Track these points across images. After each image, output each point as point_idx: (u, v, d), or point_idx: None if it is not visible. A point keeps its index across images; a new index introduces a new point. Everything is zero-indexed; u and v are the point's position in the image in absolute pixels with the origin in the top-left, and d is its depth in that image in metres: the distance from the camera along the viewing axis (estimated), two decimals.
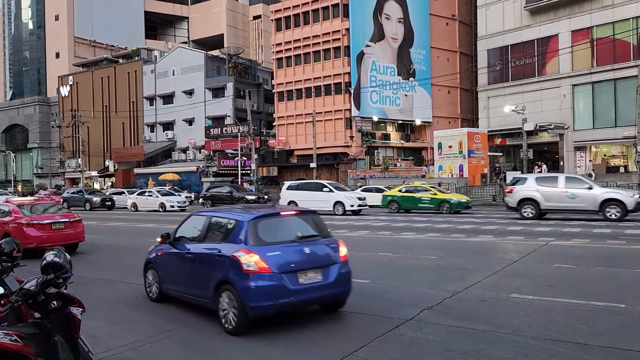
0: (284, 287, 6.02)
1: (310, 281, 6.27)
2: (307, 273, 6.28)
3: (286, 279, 6.06)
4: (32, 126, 71.03)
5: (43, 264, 3.89)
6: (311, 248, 6.49)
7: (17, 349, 3.44)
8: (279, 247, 6.31)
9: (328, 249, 6.68)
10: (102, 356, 5.21)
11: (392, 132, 48.78)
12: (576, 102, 38.29)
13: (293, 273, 6.15)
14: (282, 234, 6.65)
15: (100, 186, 60.98)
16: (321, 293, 6.39)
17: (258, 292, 5.94)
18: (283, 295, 6.02)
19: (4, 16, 78.75)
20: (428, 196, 24.78)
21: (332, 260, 6.57)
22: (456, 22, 50.79)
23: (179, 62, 57.28)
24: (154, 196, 33.52)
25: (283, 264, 6.13)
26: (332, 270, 6.47)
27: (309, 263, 6.34)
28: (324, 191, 25.48)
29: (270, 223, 6.72)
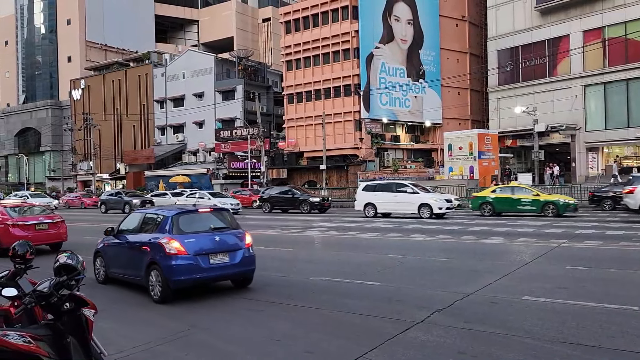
0: (198, 266, 7.89)
1: (220, 261, 8.14)
2: (217, 255, 8.14)
3: (200, 260, 7.93)
4: (44, 129, 71.73)
5: (56, 266, 3.92)
6: (221, 237, 8.37)
7: (31, 350, 3.48)
8: (195, 236, 8.17)
9: (235, 237, 8.55)
10: (114, 357, 5.25)
11: (401, 134, 48.65)
12: (588, 103, 37.95)
13: (205, 255, 8.01)
14: (198, 226, 8.51)
15: (112, 188, 61.43)
16: (228, 271, 8.32)
17: (177, 270, 7.76)
18: (197, 272, 7.90)
19: (17, 21, 79.67)
20: (529, 197, 22.43)
21: (238, 246, 8.44)
22: (466, 23, 50.58)
23: (189, 65, 57.60)
24: (206, 198, 31.64)
25: (197, 248, 7.98)
26: (237, 254, 8.35)
27: (219, 248, 8.19)
28: (407, 192, 23.26)
29: (189, 218, 8.60)
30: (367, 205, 24.09)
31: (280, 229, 19.64)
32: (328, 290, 8.51)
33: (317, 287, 8.81)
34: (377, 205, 23.62)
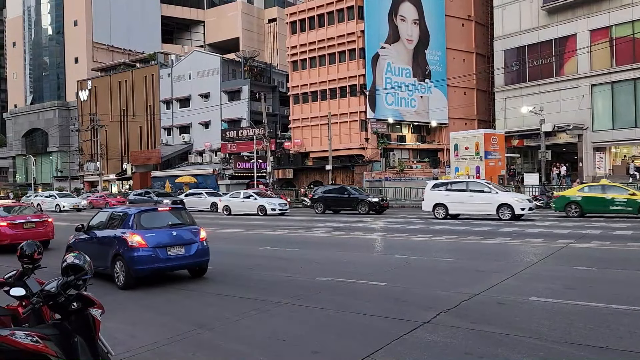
0: (157, 257, 9.10)
1: (176, 253, 9.36)
2: (174, 248, 9.35)
3: (158, 252, 9.13)
4: (51, 130, 72.14)
5: (63, 265, 3.95)
6: (177, 232, 9.60)
7: (39, 349, 3.49)
8: (154, 231, 9.36)
9: (190, 233, 9.72)
10: (121, 357, 5.27)
11: (407, 134, 48.56)
12: (595, 103, 37.74)
13: (164, 247, 9.23)
14: (158, 222, 9.71)
15: (118, 189, 61.68)
16: (184, 262, 9.55)
17: (139, 260, 8.94)
18: (156, 262, 9.11)
19: (25, 22, 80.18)
20: (624, 197, 20.42)
21: (193, 240, 9.61)
22: (472, 23, 50.42)
23: (195, 65, 57.75)
24: (252, 198, 29.75)
25: (156, 241, 9.17)
26: (192, 247, 9.54)
27: (175, 241, 9.39)
28: (484, 192, 21.38)
29: (149, 215, 9.81)
30: (437, 205, 22.34)
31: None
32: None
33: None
34: (449, 205, 21.90)
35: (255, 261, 12.00)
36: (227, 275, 10.33)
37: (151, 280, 9.58)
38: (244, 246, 15.27)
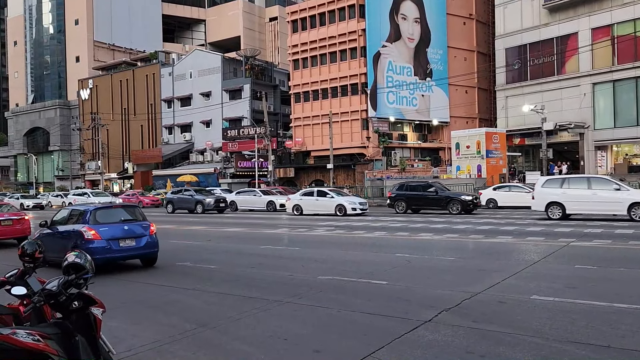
0: (110, 248, 10.42)
1: (127, 245, 10.71)
2: (126, 240, 10.69)
3: (111, 244, 10.48)
4: (53, 129, 72.24)
5: (64, 264, 3.94)
6: (129, 226, 10.93)
7: (40, 348, 3.49)
8: (108, 225, 10.70)
9: (141, 227, 11.06)
10: (122, 356, 5.27)
11: (409, 133, 48.55)
12: (597, 101, 37.70)
13: (116, 240, 10.57)
14: (112, 218, 11.06)
15: (120, 188, 61.74)
16: (135, 252, 10.94)
17: (94, 251, 9.79)
18: (109, 253, 10.43)
19: (26, 21, 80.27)
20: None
21: (143, 234, 10.95)
22: (473, 22, 50.38)
23: (196, 64, 57.77)
24: (329, 196, 26.82)
25: (109, 235, 10.51)
26: (142, 240, 10.90)
27: (127, 235, 10.74)
28: (610, 189, 18.73)
29: (104, 211, 11.26)
30: (551, 204, 19.93)
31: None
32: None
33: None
34: (566, 204, 19.51)
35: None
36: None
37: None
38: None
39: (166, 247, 15.48)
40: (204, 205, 30.45)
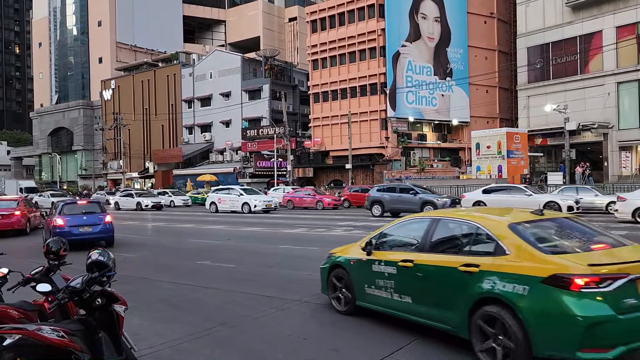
0: (72, 232, 13.78)
1: (85, 231, 14.35)
2: (84, 227, 14.37)
3: (72, 230, 14.03)
4: (76, 129, 73.48)
5: (88, 262, 4.02)
6: (88, 217, 14.73)
7: (64, 344, 3.56)
8: (71, 216, 14.54)
9: (97, 218, 14.76)
10: (144, 353, 5.34)
11: (428, 133, 48.22)
12: (621, 100, 36.97)
13: (76, 227, 14.22)
14: (75, 210, 14.99)
15: (141, 187, 62.54)
16: (92, 236, 14.40)
17: (60, 234, 12.29)
18: (70, 236, 13.01)
19: (50, 23, 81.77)
20: None
21: (99, 222, 14.62)
22: (494, 20, 49.81)
23: (216, 65, 58.22)
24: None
25: (72, 223, 14.22)
26: (98, 227, 14.55)
27: (85, 223, 14.49)
28: None
29: (71, 206, 15.47)
30: None
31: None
32: None
33: None
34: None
35: None
36: None
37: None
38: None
39: (188, 246, 15.61)
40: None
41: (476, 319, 4.90)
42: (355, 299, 6.61)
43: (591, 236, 5.27)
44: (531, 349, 4.46)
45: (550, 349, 4.39)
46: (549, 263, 4.52)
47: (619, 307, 4.28)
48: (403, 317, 5.92)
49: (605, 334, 4.25)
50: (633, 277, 4.37)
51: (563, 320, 4.31)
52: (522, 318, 4.51)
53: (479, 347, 4.91)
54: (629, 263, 4.52)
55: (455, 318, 5.16)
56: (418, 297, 5.65)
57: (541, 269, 4.52)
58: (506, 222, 5.17)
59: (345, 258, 6.84)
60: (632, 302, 4.34)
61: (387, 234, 6.51)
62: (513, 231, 4.97)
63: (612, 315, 4.24)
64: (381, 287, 6.12)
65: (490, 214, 5.85)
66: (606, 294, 4.28)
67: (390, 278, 5.96)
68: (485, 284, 4.85)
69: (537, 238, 4.95)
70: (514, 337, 4.53)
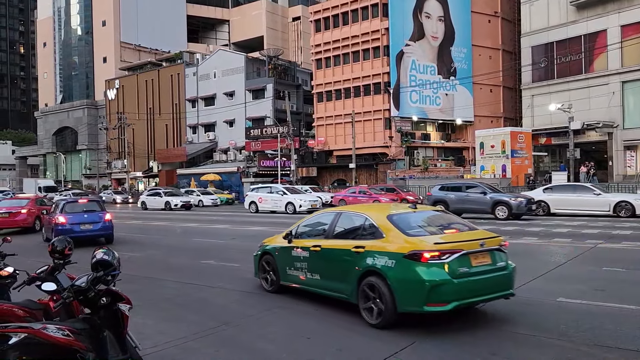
0: (72, 229, 14.51)
1: (86, 228, 15.13)
2: (85, 224, 15.16)
3: (74, 227, 14.79)
4: (81, 128, 73.67)
5: (93, 261, 4.03)
6: (88, 215, 15.48)
7: (69, 343, 3.58)
8: (73, 214, 15.29)
9: (97, 216, 15.52)
10: (148, 352, 5.35)
11: (432, 132, 48.14)
12: (626, 100, 36.82)
13: (78, 224, 15.01)
14: (76, 209, 15.65)
15: (145, 187, 62.66)
16: (92, 233, 15.20)
17: (62, 231, 13.81)
18: (72, 233, 13.93)
19: (55, 23, 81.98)
20: None
21: (99, 220, 15.38)
22: (499, 19, 49.68)
23: (220, 64, 58.26)
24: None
25: (73, 221, 15.01)
26: (98, 224, 15.32)
27: (86, 220, 15.28)
28: None
29: (72, 204, 16.00)
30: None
31: None
32: None
33: None
34: None
35: None
36: None
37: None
38: None
39: (192, 245, 15.64)
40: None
41: (362, 287, 6.36)
42: (279, 279, 8.03)
43: (449, 224, 6.85)
44: (396, 306, 5.96)
45: (407, 305, 5.93)
46: (409, 243, 6.02)
47: (455, 273, 5.80)
48: (313, 291, 7.36)
49: (444, 293, 5.76)
50: (466, 252, 5.92)
51: (416, 285, 5.81)
52: (390, 284, 5.99)
53: (362, 307, 6.38)
54: (465, 242, 6.12)
55: (349, 288, 6.59)
56: (324, 274, 7.10)
57: (404, 247, 6.00)
58: (385, 214, 6.70)
59: (272, 246, 8.27)
60: (464, 270, 5.87)
61: (304, 226, 7.95)
62: (389, 220, 6.48)
63: (449, 279, 5.76)
64: (298, 268, 7.57)
65: (375, 209, 7.59)
66: (445, 264, 5.79)
67: (305, 260, 7.43)
68: (368, 260, 6.30)
69: (406, 225, 6.42)
70: (385, 299, 6.02)
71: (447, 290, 5.77)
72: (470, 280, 5.90)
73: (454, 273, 5.79)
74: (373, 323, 6.19)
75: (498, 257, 6.28)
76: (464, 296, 5.88)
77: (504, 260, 6.33)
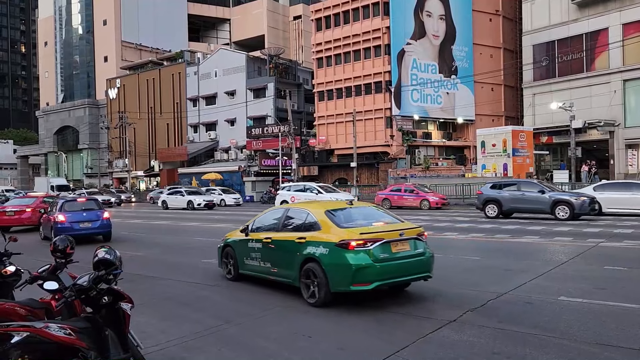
0: (72, 228, 14.95)
1: (85, 226, 15.60)
2: (84, 223, 15.60)
3: (74, 225, 15.20)
4: (82, 128, 73.70)
5: (95, 260, 4.04)
6: (87, 213, 15.88)
7: (71, 342, 3.58)
8: (72, 212, 15.66)
9: (96, 214, 15.97)
10: (150, 351, 5.35)
11: (433, 131, 48.12)
12: (628, 98, 36.76)
13: (77, 222, 15.42)
14: (76, 207, 15.97)
15: (146, 186, 62.68)
16: (90, 231, 15.68)
17: (61, 229, 14.40)
18: (71, 231, 14.26)
19: (56, 22, 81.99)
20: None
21: (97, 218, 15.86)
22: (500, 18, 49.63)
23: (221, 63, 58.25)
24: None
25: (73, 219, 15.41)
26: (96, 222, 15.80)
27: (84, 219, 15.68)
28: None
29: (71, 203, 16.28)
30: None
31: None
32: None
33: None
34: None
35: None
36: None
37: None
38: None
39: (197, 244, 15.66)
40: None
41: (303, 272, 7.37)
42: (238, 268, 9.08)
43: (379, 217, 7.87)
44: (329, 287, 7.00)
45: (338, 286, 6.97)
46: (340, 233, 7.07)
47: (376, 258, 6.86)
48: (265, 277, 8.46)
49: (367, 275, 6.80)
50: (386, 240, 7.02)
51: (344, 268, 6.85)
52: (324, 269, 7.02)
53: (303, 289, 7.41)
54: (386, 232, 7.19)
55: (293, 274, 7.60)
56: (274, 262, 8.11)
57: (336, 237, 7.04)
58: (323, 210, 7.74)
59: (232, 239, 9.30)
60: (385, 256, 6.95)
61: (258, 221, 8.97)
62: (326, 215, 7.53)
63: (371, 263, 6.81)
64: (253, 257, 8.62)
65: (315, 205, 8.35)
66: (368, 251, 6.85)
67: (258, 251, 8.48)
68: (308, 249, 7.31)
69: (340, 219, 7.48)
70: (321, 281, 7.07)
71: (370, 272, 6.79)
72: (391, 264, 6.97)
73: (376, 258, 6.84)
74: (312, 302, 7.23)
75: (416, 244, 7.35)
76: (385, 277, 6.93)
77: (422, 247, 7.40)
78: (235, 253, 9.11)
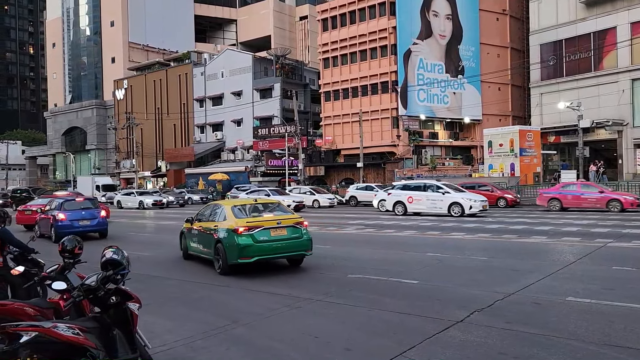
0: (72, 225, 16.06)
1: (84, 224, 16.63)
2: (83, 221, 16.64)
3: (74, 223, 16.28)
4: (90, 128, 74.10)
5: (102, 260, 4.06)
6: (86, 211, 16.93)
7: (79, 342, 3.61)
8: (71, 211, 16.65)
9: (94, 212, 17.03)
10: (157, 350, 5.38)
11: (440, 131, 47.99)
12: (636, 97, 36.51)
13: (77, 220, 16.47)
14: (75, 206, 16.98)
15: (153, 186, 62.90)
16: (90, 229, 16.75)
17: (62, 227, 15.91)
18: (72, 228, 15.61)
19: (64, 23, 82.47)
20: None
21: (95, 216, 16.91)
22: (507, 17, 49.42)
23: (227, 64, 58.38)
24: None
25: (72, 217, 16.45)
26: (95, 220, 16.85)
27: (83, 217, 16.72)
28: None
29: (70, 202, 17.28)
30: None
31: None
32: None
33: None
34: None
35: None
36: None
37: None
38: None
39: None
40: None
41: (215, 250, 10.09)
42: (187, 250, 11.87)
43: (272, 209, 10.80)
44: (227, 260, 9.66)
45: (231, 259, 9.60)
46: (235, 222, 9.67)
47: (257, 240, 9.48)
48: (200, 255, 11.14)
49: (249, 252, 9.40)
50: (266, 227, 9.59)
51: (234, 246, 9.48)
52: (224, 248, 9.67)
53: (215, 261, 10.14)
54: (267, 221, 9.82)
55: (211, 252, 10.30)
56: (203, 244, 10.89)
57: (232, 224, 9.66)
58: (231, 205, 10.55)
59: (184, 228, 12.20)
60: (264, 238, 9.53)
61: (199, 214, 11.66)
62: (231, 209, 10.21)
63: (252, 243, 9.43)
64: (194, 241, 11.41)
65: (228, 203, 11.08)
66: (251, 235, 9.45)
67: (195, 236, 11.32)
68: (219, 233, 9.96)
69: (239, 211, 10.22)
70: (222, 256, 9.77)
71: (251, 250, 9.38)
72: (269, 244, 9.54)
73: (256, 240, 9.44)
74: (218, 271, 9.90)
75: (294, 231, 9.86)
76: (263, 253, 9.51)
77: (299, 233, 9.91)
78: (186, 238, 11.99)
